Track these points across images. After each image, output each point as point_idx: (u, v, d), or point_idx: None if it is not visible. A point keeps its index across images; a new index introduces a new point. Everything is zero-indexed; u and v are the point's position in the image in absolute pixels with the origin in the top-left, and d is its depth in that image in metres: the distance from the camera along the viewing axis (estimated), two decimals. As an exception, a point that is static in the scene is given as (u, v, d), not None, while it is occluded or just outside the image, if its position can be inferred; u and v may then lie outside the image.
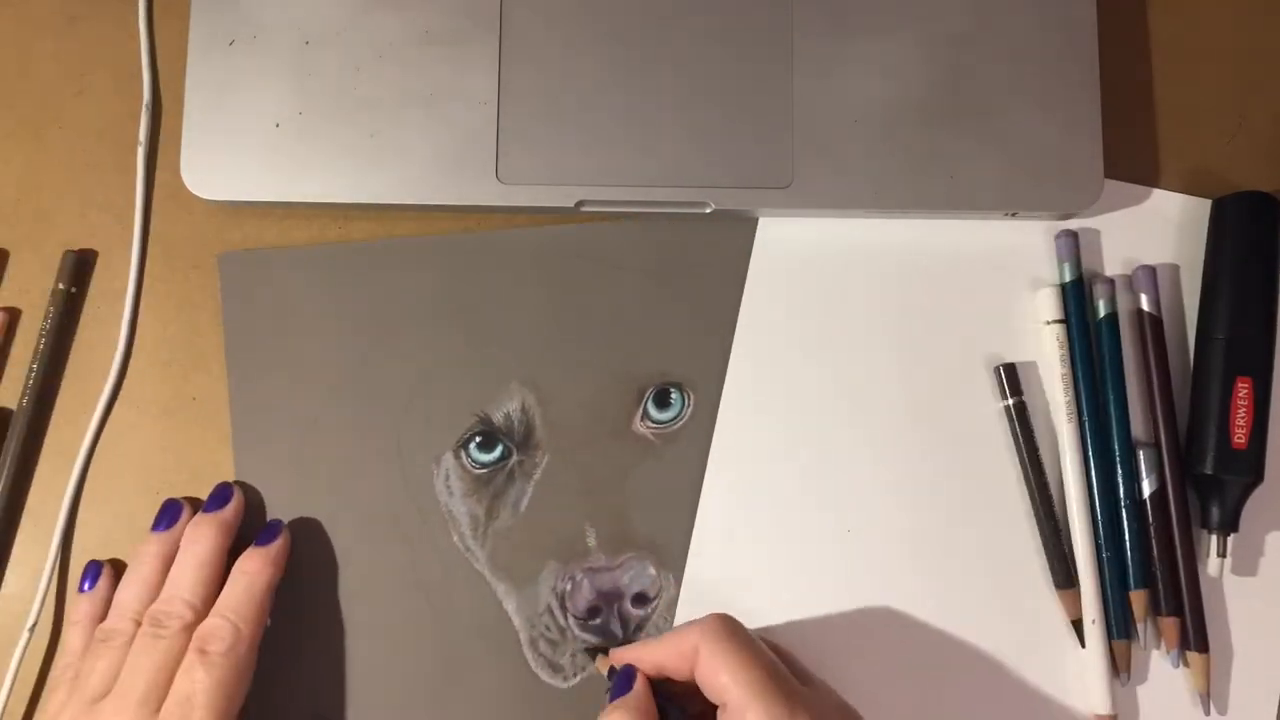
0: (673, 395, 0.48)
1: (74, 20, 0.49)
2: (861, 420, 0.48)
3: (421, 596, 0.47)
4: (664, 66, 0.47)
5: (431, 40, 0.47)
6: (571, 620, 0.47)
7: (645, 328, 0.48)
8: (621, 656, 0.43)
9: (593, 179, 0.47)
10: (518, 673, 0.46)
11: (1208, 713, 0.47)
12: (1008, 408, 0.48)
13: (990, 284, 0.49)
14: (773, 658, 0.40)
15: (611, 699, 0.41)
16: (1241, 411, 0.47)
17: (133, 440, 0.48)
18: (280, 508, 0.47)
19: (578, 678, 0.46)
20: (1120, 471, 0.47)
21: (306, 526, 0.47)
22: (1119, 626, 0.47)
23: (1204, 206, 0.49)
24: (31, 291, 0.48)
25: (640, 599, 0.47)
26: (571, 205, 0.47)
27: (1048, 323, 0.48)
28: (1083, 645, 0.46)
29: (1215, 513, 0.47)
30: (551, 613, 0.47)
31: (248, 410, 0.48)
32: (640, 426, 0.48)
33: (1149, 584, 0.47)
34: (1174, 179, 0.50)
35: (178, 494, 0.47)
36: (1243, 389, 0.47)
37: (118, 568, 0.46)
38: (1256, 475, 0.46)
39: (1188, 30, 0.51)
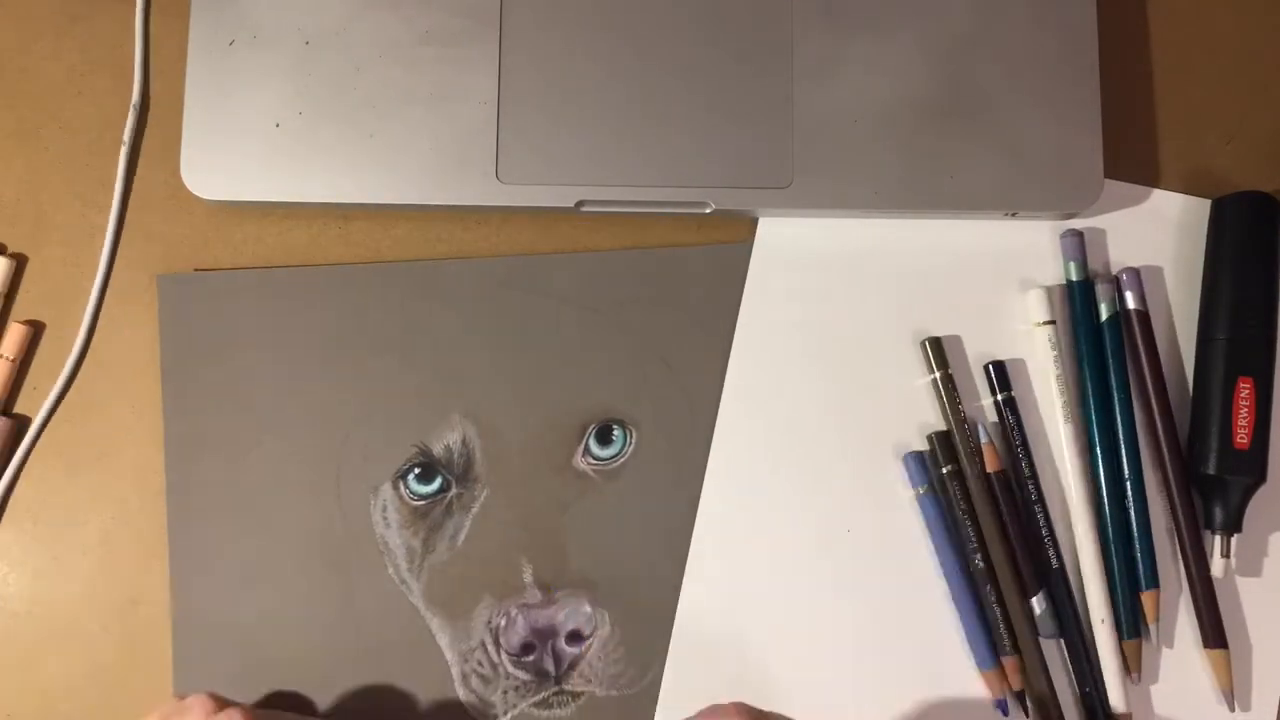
0: (615, 432, 0.47)
1: (74, 20, 0.49)
2: (862, 419, 0.48)
3: (353, 629, 0.46)
4: (664, 67, 0.48)
5: (431, 40, 0.47)
6: (504, 656, 0.46)
7: (590, 363, 0.48)
8: None
9: (593, 179, 0.47)
10: (449, 708, 0.46)
11: (1233, 709, 0.46)
12: (997, 404, 0.48)
13: (990, 284, 0.49)
14: None
15: None
16: (1243, 412, 0.46)
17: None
18: (212, 536, 0.46)
19: (508, 715, 0.46)
20: (1128, 470, 0.47)
21: (233, 557, 0.46)
22: (1129, 627, 0.46)
23: (1204, 206, 0.49)
24: (32, 292, 0.48)
25: (575, 637, 0.46)
26: (571, 205, 0.47)
27: (1038, 324, 0.48)
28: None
29: (1218, 513, 0.46)
30: (484, 648, 0.46)
31: (182, 435, 0.47)
32: (581, 462, 0.47)
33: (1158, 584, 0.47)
34: (1174, 179, 0.50)
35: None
36: (1244, 389, 0.47)
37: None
38: (1259, 475, 0.46)
39: (1188, 30, 0.51)
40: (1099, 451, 0.47)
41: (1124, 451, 0.47)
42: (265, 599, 0.46)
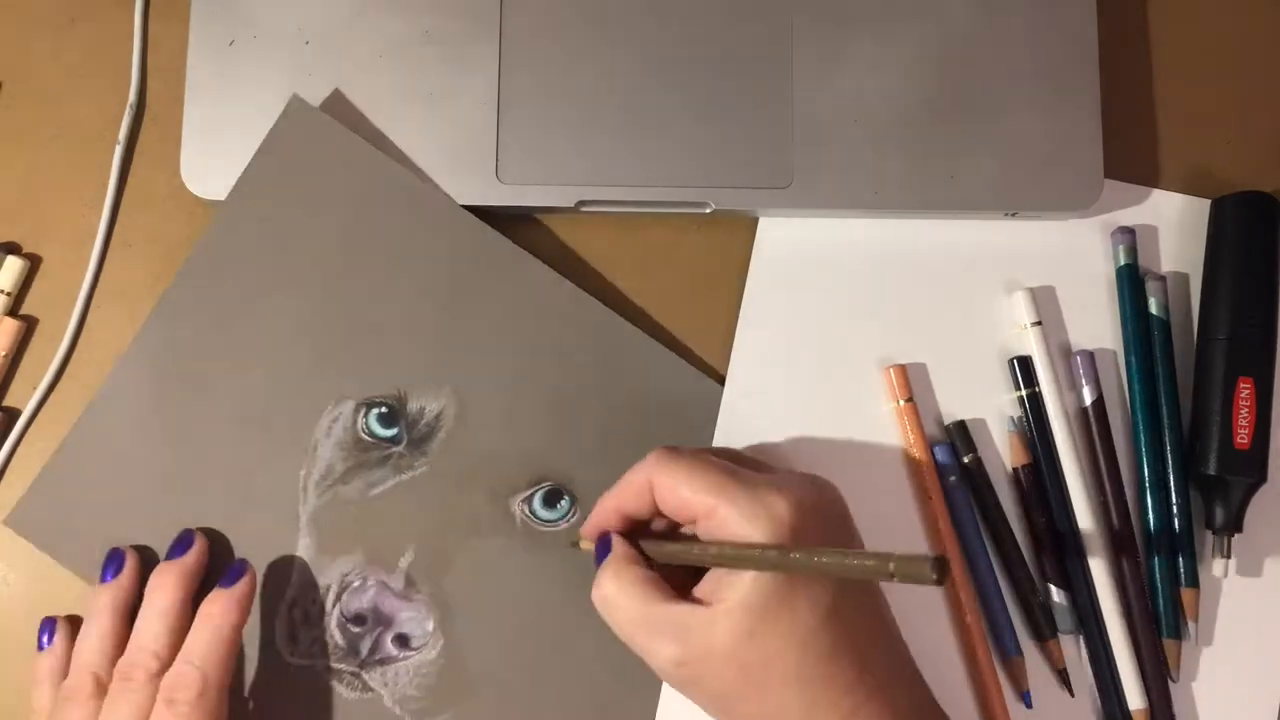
0: (563, 501, 0.46)
1: (74, 20, 0.49)
2: (862, 419, 0.48)
3: (234, 500, 0.46)
4: (664, 66, 0.48)
5: (431, 40, 0.47)
6: (337, 611, 0.46)
7: (582, 425, 0.47)
8: (590, 526, 0.42)
9: (593, 179, 0.47)
10: (263, 625, 0.45)
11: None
12: (1021, 399, 0.48)
13: (990, 284, 0.49)
14: (717, 459, 0.40)
15: (597, 563, 0.41)
16: (1244, 412, 0.46)
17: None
18: (150, 392, 0.46)
19: (296, 659, 0.45)
20: (1171, 464, 0.47)
21: (172, 413, 0.46)
22: (1169, 625, 0.46)
23: (1204, 206, 0.49)
24: (32, 291, 0.49)
25: (402, 640, 0.45)
26: (572, 205, 0.47)
27: (1028, 325, 0.48)
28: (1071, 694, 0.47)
29: (1219, 513, 0.46)
30: (327, 592, 0.46)
31: (175, 302, 0.46)
32: (516, 506, 0.46)
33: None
34: (1174, 179, 0.50)
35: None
36: (1245, 389, 0.46)
37: (74, 623, 0.45)
38: (1260, 475, 0.46)
39: (1188, 30, 0.51)
40: (1143, 445, 0.47)
41: (1169, 445, 0.47)
42: (186, 444, 0.46)
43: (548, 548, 0.46)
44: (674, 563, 0.40)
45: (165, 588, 0.43)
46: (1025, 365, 0.48)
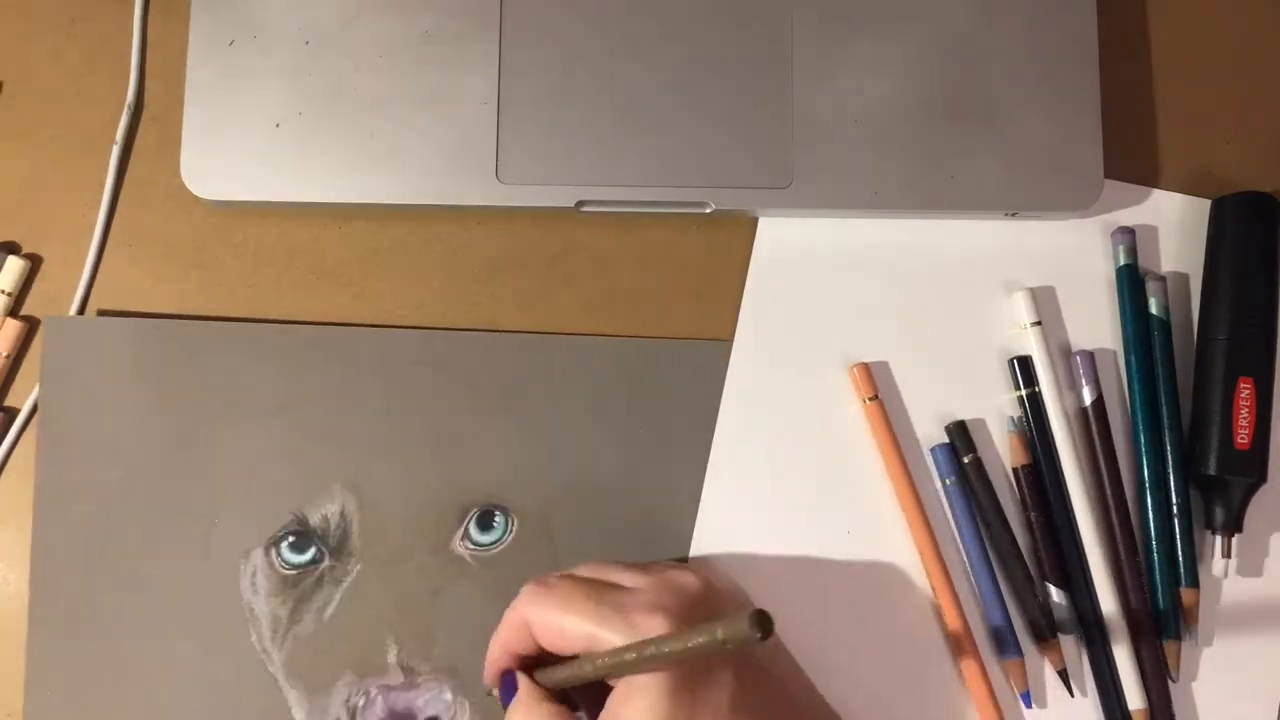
0: (496, 518, 0.46)
1: (74, 20, 0.49)
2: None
3: (210, 693, 0.45)
4: (664, 66, 0.47)
5: (431, 40, 0.47)
6: None
7: (479, 445, 0.47)
8: (488, 671, 0.42)
9: (593, 179, 0.47)
10: None
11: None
12: (1021, 399, 0.48)
13: (990, 284, 0.49)
14: (588, 585, 0.40)
15: (505, 706, 0.40)
16: (1244, 412, 0.46)
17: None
18: (74, 585, 0.45)
19: None
20: (1171, 464, 0.47)
21: (95, 608, 0.45)
22: (1169, 626, 0.46)
23: (1204, 206, 0.49)
24: (33, 291, 0.49)
25: None
26: (571, 205, 0.47)
27: (1028, 325, 0.48)
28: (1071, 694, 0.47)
29: (1219, 513, 0.46)
30: None
31: (52, 479, 0.46)
32: (459, 546, 0.46)
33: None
34: (1174, 179, 0.50)
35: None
36: (1245, 389, 0.46)
37: None
38: (1260, 476, 0.46)
39: (1188, 30, 0.51)
40: (1143, 445, 0.47)
41: (1169, 445, 0.47)
42: (123, 653, 0.45)
43: (506, 565, 0.46)
44: (567, 686, 0.40)
45: None
46: (1025, 365, 0.48)
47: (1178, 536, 0.47)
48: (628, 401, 0.47)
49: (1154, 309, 0.48)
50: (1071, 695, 0.46)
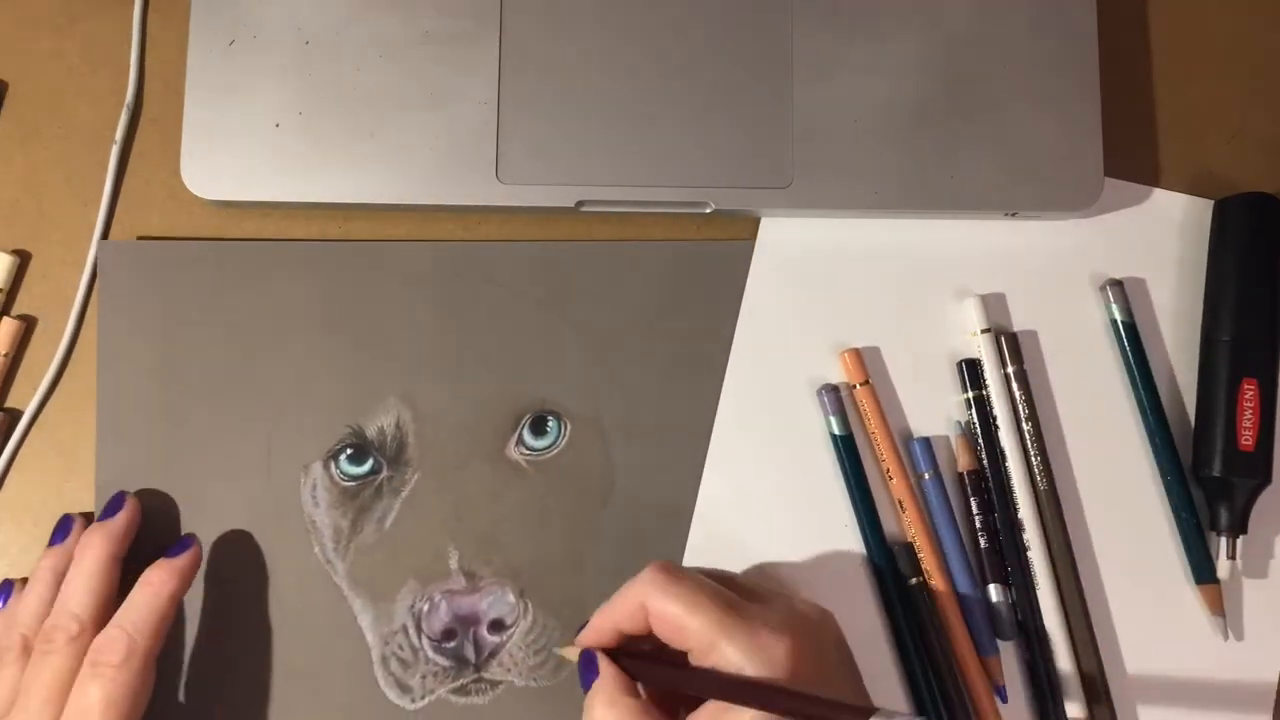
0: (549, 423, 0.47)
1: (74, 20, 0.49)
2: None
3: (276, 604, 0.46)
4: (664, 66, 0.48)
5: (431, 40, 0.47)
6: (425, 641, 0.46)
7: (529, 353, 0.47)
8: (585, 638, 0.42)
9: (593, 179, 0.47)
10: (366, 689, 0.46)
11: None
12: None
13: (990, 284, 0.49)
14: (717, 588, 0.40)
15: (585, 688, 0.40)
16: (1248, 413, 0.46)
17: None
18: (143, 513, 0.46)
19: (425, 700, 0.46)
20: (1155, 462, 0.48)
21: (165, 524, 0.46)
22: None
23: (1205, 206, 0.49)
24: (33, 291, 0.49)
25: (497, 625, 0.46)
26: (571, 205, 0.47)
27: (978, 333, 0.47)
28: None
29: (1224, 515, 0.46)
30: (406, 632, 0.46)
31: (115, 404, 0.47)
32: (514, 452, 0.47)
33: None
34: (1175, 179, 0.50)
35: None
36: (1249, 391, 0.46)
37: None
38: (1265, 477, 0.46)
39: (1188, 30, 0.51)
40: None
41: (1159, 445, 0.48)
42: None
43: (562, 469, 0.47)
44: (667, 688, 0.40)
45: (91, 548, 0.43)
46: (974, 369, 0.48)
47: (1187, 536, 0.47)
48: (672, 302, 0.48)
49: (1117, 314, 0.48)
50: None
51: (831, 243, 0.49)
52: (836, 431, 0.47)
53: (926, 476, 0.47)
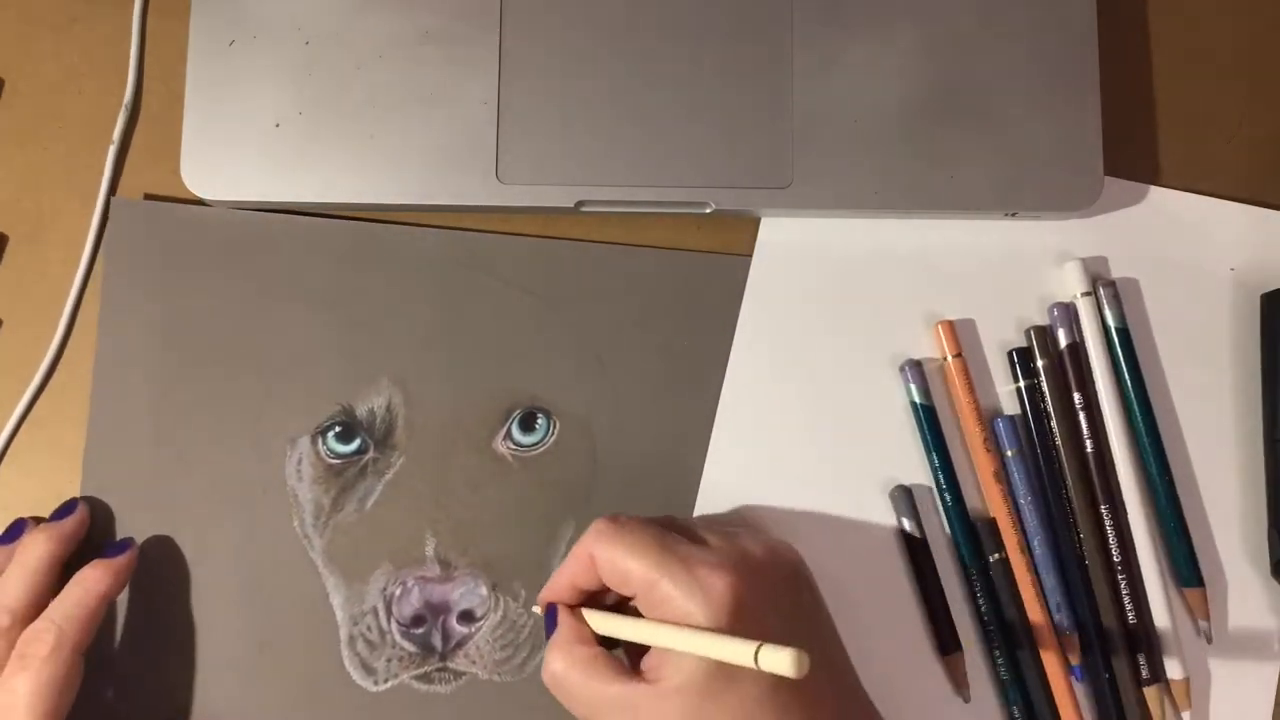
0: (539, 420, 0.47)
1: (73, 20, 0.49)
2: (863, 417, 0.48)
3: (250, 574, 0.46)
4: (664, 66, 0.47)
5: (431, 40, 0.47)
6: (394, 625, 0.46)
7: (525, 348, 0.48)
8: (543, 594, 0.42)
9: (593, 179, 0.47)
10: (330, 667, 0.46)
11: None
12: (1018, 387, 0.48)
13: (990, 284, 0.49)
14: (660, 531, 0.40)
15: (548, 637, 0.41)
16: None
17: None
18: (125, 461, 0.47)
19: (388, 683, 0.46)
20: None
21: (145, 485, 0.47)
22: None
23: (1205, 205, 0.49)
24: (33, 291, 0.49)
25: (467, 616, 0.46)
26: (571, 205, 0.47)
27: (1080, 295, 0.48)
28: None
29: None
30: (376, 614, 0.46)
31: (111, 359, 0.47)
32: (501, 446, 0.47)
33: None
34: (1175, 178, 0.50)
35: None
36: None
37: None
38: None
39: (1188, 30, 0.51)
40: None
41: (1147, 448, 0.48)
42: (168, 528, 0.46)
43: (546, 467, 0.47)
44: (615, 638, 0.40)
45: (32, 545, 0.43)
46: (1025, 356, 0.48)
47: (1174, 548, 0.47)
48: (670, 311, 0.48)
49: (1110, 320, 0.48)
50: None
51: (831, 243, 0.49)
52: (918, 400, 0.47)
53: (1009, 454, 0.47)
